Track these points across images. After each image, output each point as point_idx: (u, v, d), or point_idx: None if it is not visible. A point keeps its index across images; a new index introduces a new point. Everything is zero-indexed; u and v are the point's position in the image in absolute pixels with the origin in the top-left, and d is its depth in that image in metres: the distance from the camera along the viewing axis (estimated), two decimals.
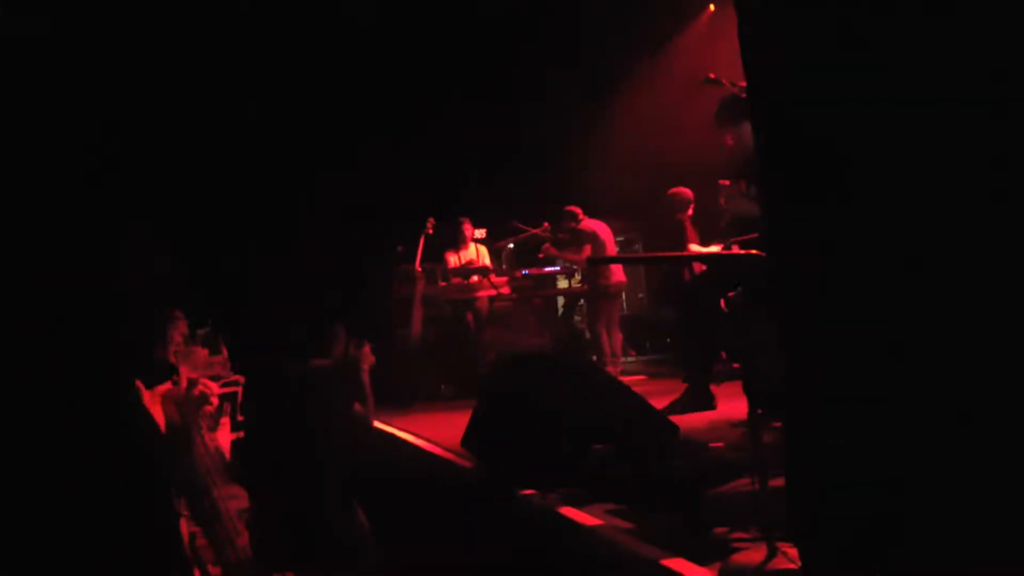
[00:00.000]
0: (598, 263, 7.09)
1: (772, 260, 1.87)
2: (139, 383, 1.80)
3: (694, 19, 9.50)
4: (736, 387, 5.07)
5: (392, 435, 5.47)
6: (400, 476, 5.03)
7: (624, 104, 9.82)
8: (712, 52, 8.70)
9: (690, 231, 7.11)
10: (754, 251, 2.40)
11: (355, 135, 10.47)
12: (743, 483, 3.30)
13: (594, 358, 7.07)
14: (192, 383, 5.37)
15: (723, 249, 6.49)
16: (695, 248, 6.94)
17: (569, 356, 4.57)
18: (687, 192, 7.32)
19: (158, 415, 1.78)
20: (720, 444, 4.01)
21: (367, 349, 4.83)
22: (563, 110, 10.02)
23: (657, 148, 8.70)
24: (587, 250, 7.18)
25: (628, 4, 8.48)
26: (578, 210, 7.39)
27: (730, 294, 2.66)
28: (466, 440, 4.29)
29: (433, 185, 10.35)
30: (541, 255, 7.52)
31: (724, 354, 7.20)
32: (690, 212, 7.23)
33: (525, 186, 8.51)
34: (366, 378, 4.67)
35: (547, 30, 9.19)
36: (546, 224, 7.52)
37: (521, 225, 7.46)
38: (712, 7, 9.30)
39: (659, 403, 4.37)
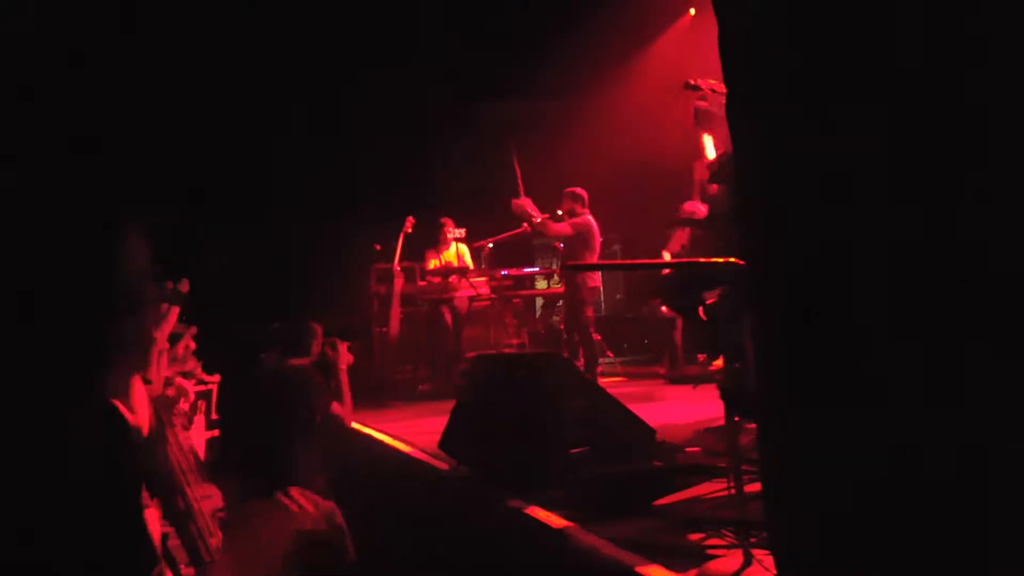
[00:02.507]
0: (573, 270, 6.98)
1: (754, 271, 1.88)
2: (138, 380, 1.78)
3: (674, 23, 9.55)
4: (713, 391, 5.11)
5: (369, 436, 5.45)
6: (377, 477, 5.01)
7: (604, 106, 9.85)
8: (692, 56, 8.74)
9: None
10: (733, 259, 2.42)
11: (335, 131, 10.44)
12: (719, 488, 3.32)
13: (576, 362, 7.07)
14: (167, 382, 5.32)
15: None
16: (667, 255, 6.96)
17: (547, 358, 4.56)
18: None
19: (145, 413, 1.76)
20: (697, 448, 4.03)
21: (344, 348, 4.79)
22: (544, 111, 10.03)
23: (637, 151, 8.75)
24: (565, 229, 6.99)
25: (609, 6, 8.50)
26: (585, 195, 7.18)
27: (708, 301, 2.67)
28: (444, 442, 4.28)
29: (413, 183, 10.35)
30: (515, 206, 7.17)
31: (702, 357, 7.25)
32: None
33: (503, 186, 8.53)
34: (344, 377, 4.63)
35: (528, 29, 9.20)
36: (525, 225, 7.50)
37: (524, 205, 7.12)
38: (692, 12, 9.34)
39: (637, 405, 4.38)
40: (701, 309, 2.66)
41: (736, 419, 2.49)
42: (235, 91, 9.38)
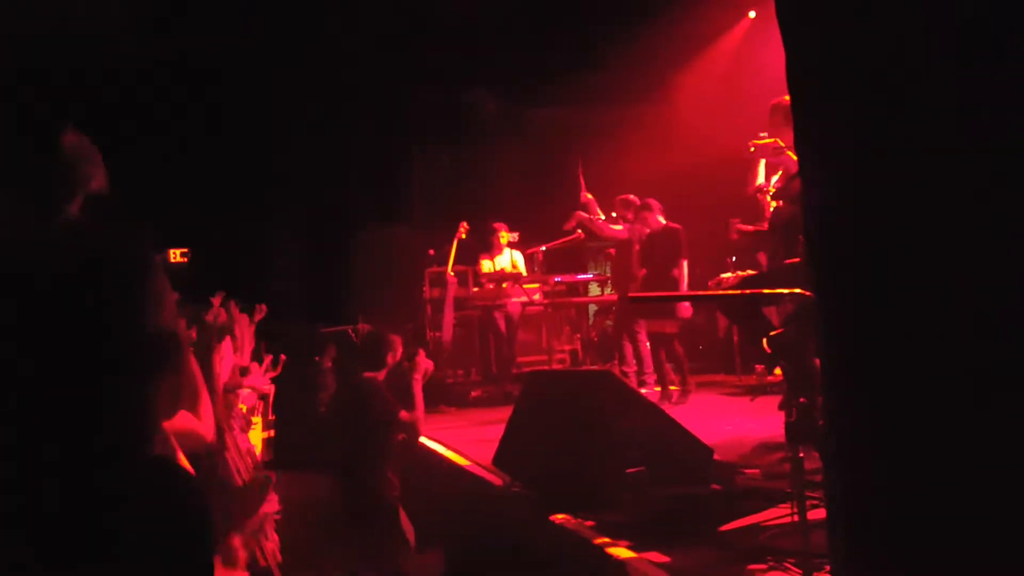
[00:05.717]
0: (636, 301, 6.94)
1: (825, 305, 1.82)
2: (203, 387, 1.74)
3: (733, 26, 9.37)
4: (770, 405, 5.00)
5: (426, 446, 5.45)
6: (434, 486, 5.02)
7: (660, 112, 9.73)
8: (752, 59, 8.58)
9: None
10: (798, 289, 2.35)
11: (390, 136, 10.52)
12: (780, 514, 3.24)
13: (623, 368, 7.01)
14: (228, 387, 5.38)
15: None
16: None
17: (602, 376, 4.51)
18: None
19: (211, 419, 1.73)
20: (756, 470, 3.93)
21: (423, 356, 4.78)
22: (599, 117, 9.94)
23: (693, 157, 8.62)
24: (622, 233, 7.02)
25: (666, 11, 8.39)
26: (638, 202, 7.16)
27: (773, 332, 2.60)
28: (498, 458, 4.26)
29: (466, 188, 10.38)
30: (572, 223, 7.26)
31: (759, 367, 7.12)
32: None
33: (556, 192, 8.50)
34: (417, 387, 4.63)
35: (584, 35, 9.13)
36: (580, 233, 7.46)
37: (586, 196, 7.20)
38: (752, 14, 9.15)
39: (692, 419, 4.29)
40: (765, 341, 2.59)
41: (801, 454, 2.41)
42: (299, 97, 9.51)
